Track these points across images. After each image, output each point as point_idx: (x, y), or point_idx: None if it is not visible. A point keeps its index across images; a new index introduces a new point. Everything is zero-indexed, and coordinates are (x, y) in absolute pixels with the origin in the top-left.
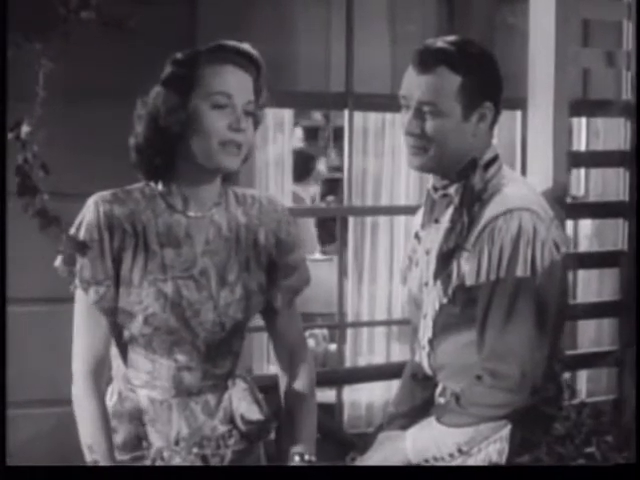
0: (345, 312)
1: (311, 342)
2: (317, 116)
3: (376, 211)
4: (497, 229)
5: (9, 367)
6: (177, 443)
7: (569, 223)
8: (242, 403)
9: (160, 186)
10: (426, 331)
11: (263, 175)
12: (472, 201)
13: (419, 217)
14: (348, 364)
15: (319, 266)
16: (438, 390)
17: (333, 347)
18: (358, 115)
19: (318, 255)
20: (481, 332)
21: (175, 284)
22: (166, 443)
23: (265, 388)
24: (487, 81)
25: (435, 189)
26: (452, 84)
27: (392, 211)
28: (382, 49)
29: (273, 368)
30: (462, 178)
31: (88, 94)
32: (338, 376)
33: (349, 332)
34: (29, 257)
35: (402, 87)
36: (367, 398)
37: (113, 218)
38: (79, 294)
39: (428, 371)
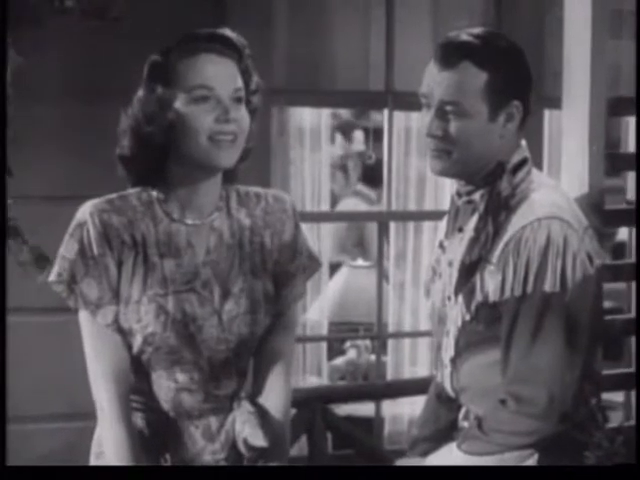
0: (386, 322)
1: (353, 353)
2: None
3: (419, 216)
4: (524, 240)
5: (23, 380)
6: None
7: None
8: (246, 427)
9: (155, 192)
10: (448, 349)
11: (299, 178)
12: (498, 208)
13: (444, 225)
14: (390, 376)
15: (360, 273)
16: (462, 413)
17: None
18: (400, 114)
19: (360, 261)
20: (506, 352)
21: (176, 299)
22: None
23: (297, 403)
24: (515, 78)
25: (459, 195)
26: (477, 81)
27: (436, 216)
28: (424, 45)
29: (313, 379)
30: (488, 183)
31: (84, 92)
32: (377, 390)
33: (391, 343)
34: None
35: (422, 84)
36: (410, 412)
37: (112, 229)
38: (85, 315)
39: (450, 392)
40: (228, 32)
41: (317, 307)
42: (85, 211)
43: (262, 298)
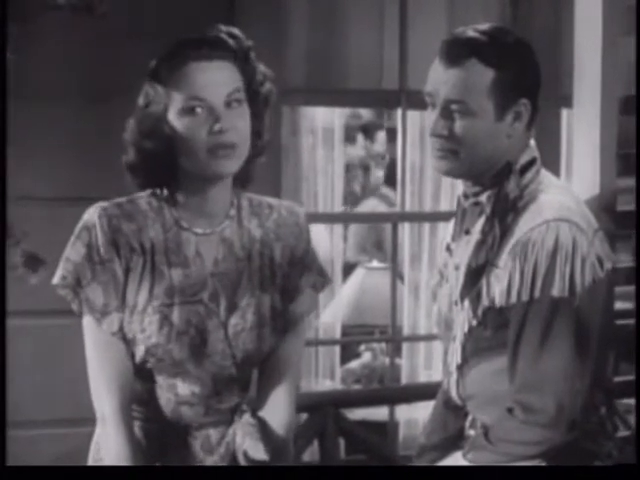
0: (401, 325)
1: (368, 356)
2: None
3: (433, 217)
4: (531, 243)
5: (28, 384)
6: None
7: None
8: (247, 439)
9: (165, 197)
10: (455, 356)
11: (311, 179)
12: (505, 210)
13: (451, 227)
14: (405, 380)
15: (375, 274)
16: (468, 421)
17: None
18: (415, 114)
19: (375, 263)
20: (513, 359)
21: (182, 310)
22: None
23: (308, 407)
24: (523, 75)
25: (466, 196)
26: (484, 79)
27: (450, 217)
28: (438, 44)
29: (327, 383)
30: (495, 184)
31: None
32: (391, 394)
33: (405, 346)
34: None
35: (427, 83)
36: (425, 416)
37: (121, 235)
38: (90, 322)
39: (457, 400)
40: (217, 34)
41: (330, 310)
42: (93, 214)
43: (269, 313)
